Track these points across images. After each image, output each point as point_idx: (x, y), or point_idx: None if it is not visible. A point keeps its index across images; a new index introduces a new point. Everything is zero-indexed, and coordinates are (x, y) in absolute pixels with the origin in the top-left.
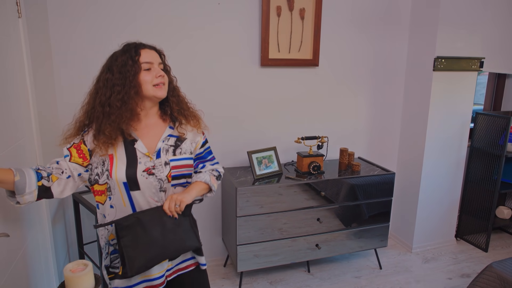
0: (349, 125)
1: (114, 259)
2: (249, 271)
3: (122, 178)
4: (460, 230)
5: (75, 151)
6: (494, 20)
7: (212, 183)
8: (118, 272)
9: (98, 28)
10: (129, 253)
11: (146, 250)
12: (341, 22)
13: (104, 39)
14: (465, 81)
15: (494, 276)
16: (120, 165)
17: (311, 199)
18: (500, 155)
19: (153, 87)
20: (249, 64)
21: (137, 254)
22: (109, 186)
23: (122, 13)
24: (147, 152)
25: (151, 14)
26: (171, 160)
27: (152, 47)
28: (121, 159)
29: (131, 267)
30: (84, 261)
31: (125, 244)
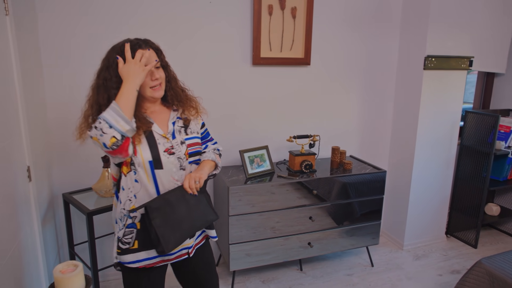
0: (341, 123)
1: (128, 233)
2: (241, 270)
3: (148, 157)
4: (450, 227)
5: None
6: (483, 20)
7: (218, 160)
8: (130, 247)
9: (88, 26)
10: (162, 232)
11: (176, 227)
12: (333, 21)
13: (94, 38)
14: (455, 79)
15: (483, 272)
16: (143, 147)
17: (303, 197)
18: (489, 153)
19: (150, 89)
20: (241, 63)
21: (169, 232)
22: (132, 162)
23: (113, 12)
24: (163, 133)
25: (143, 12)
26: (186, 139)
27: (148, 45)
28: (143, 142)
29: (166, 244)
30: (74, 262)
31: (157, 224)
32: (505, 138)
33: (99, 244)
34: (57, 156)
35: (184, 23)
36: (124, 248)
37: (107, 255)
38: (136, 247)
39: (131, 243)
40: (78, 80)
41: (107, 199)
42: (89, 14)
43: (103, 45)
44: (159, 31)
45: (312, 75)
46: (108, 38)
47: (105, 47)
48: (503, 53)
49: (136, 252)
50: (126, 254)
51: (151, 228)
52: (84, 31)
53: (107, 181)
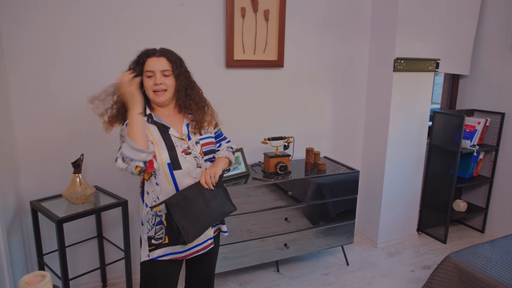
0: (314, 125)
1: (159, 230)
2: (218, 274)
3: (166, 159)
4: (421, 224)
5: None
6: (448, 24)
7: (231, 157)
8: (163, 242)
9: (48, 34)
10: (182, 225)
11: (196, 219)
12: (305, 24)
13: (53, 45)
14: (423, 81)
15: (452, 266)
16: (162, 150)
17: (279, 199)
18: (456, 152)
19: (152, 92)
20: (214, 66)
21: (189, 225)
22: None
23: (74, 15)
24: (180, 135)
25: (110, 14)
26: (200, 139)
27: (163, 54)
28: (161, 145)
29: (187, 236)
30: (41, 273)
31: (178, 218)
32: (470, 137)
33: (71, 252)
34: (24, 162)
35: (155, 25)
36: (157, 244)
37: (79, 264)
38: (167, 242)
39: (162, 238)
40: (44, 82)
41: (78, 205)
42: (48, 20)
43: (62, 52)
44: (128, 33)
45: (286, 77)
46: (68, 44)
47: (64, 54)
48: (466, 56)
49: (168, 246)
50: (158, 248)
51: (173, 222)
52: (43, 39)
53: (77, 187)
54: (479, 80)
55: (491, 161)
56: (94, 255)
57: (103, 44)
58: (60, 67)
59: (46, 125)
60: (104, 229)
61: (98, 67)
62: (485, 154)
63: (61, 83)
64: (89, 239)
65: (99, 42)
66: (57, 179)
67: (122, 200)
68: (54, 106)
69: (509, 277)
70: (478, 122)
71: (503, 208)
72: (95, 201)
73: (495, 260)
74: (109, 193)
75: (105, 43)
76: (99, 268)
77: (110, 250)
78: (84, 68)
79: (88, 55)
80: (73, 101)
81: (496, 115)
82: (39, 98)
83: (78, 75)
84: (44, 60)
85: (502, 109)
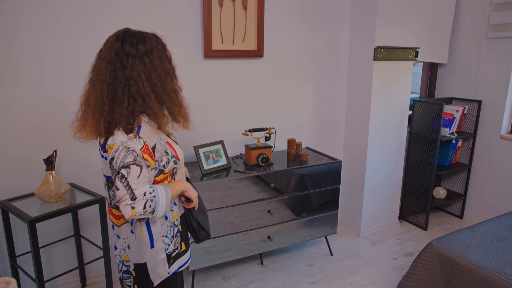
0: (296, 116)
1: (176, 241)
2: (201, 269)
3: (182, 154)
4: (403, 212)
5: (148, 156)
6: (426, 13)
7: None
8: (179, 251)
9: (11, 30)
10: (201, 220)
11: (204, 214)
12: (285, 13)
13: (21, 39)
14: (402, 70)
15: (434, 253)
16: (175, 146)
17: (261, 191)
18: (435, 139)
19: None
20: (192, 56)
21: (204, 219)
22: (176, 170)
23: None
24: (171, 133)
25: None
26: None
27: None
28: (172, 142)
29: (208, 229)
30: (6, 279)
31: (197, 214)
32: (449, 125)
33: (47, 253)
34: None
35: (130, 14)
36: (175, 255)
37: (56, 264)
38: (184, 249)
39: (179, 247)
40: (14, 75)
41: (52, 204)
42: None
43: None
44: (101, 21)
45: (266, 67)
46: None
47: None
48: (444, 44)
49: (185, 253)
50: (177, 259)
51: (193, 220)
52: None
53: (51, 185)
54: (456, 68)
55: (469, 148)
56: (72, 254)
57: (71, 35)
58: (31, 61)
59: (16, 120)
60: (81, 228)
61: (66, 58)
62: (463, 142)
63: (33, 76)
64: (65, 238)
65: (67, 33)
66: (29, 177)
67: (99, 197)
68: (24, 99)
69: (488, 261)
70: (456, 110)
71: (480, 193)
72: (71, 198)
73: (475, 246)
74: (86, 190)
75: (73, 34)
76: (78, 267)
77: (88, 249)
78: (56, 60)
79: (57, 48)
80: (45, 94)
81: (474, 103)
82: (7, 91)
83: (50, 68)
84: (13, 53)
85: (479, 97)
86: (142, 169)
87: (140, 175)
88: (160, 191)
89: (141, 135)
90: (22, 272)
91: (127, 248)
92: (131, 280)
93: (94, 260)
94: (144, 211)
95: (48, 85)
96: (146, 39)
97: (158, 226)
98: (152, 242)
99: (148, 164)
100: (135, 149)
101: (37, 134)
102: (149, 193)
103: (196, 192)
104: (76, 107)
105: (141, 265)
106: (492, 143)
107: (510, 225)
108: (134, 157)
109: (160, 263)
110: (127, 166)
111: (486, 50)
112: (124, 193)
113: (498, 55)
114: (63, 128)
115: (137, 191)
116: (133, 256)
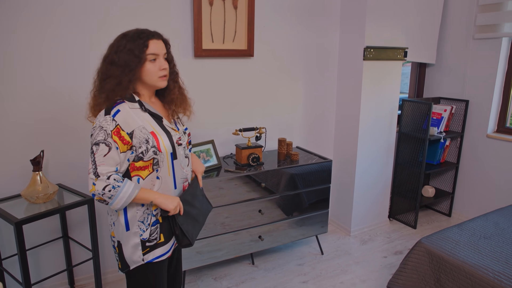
0: (286, 115)
1: (154, 230)
2: (192, 269)
3: (169, 149)
4: (392, 210)
5: (118, 139)
6: (414, 14)
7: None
8: (158, 241)
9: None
10: (186, 228)
11: (195, 221)
12: (275, 12)
13: (5, 41)
14: (392, 69)
15: (423, 251)
16: (164, 138)
17: (252, 191)
18: (424, 139)
19: (158, 78)
20: (182, 56)
21: (191, 227)
22: (156, 161)
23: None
24: (172, 126)
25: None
26: (185, 130)
27: (160, 37)
28: (161, 133)
29: (192, 238)
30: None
31: (181, 222)
32: (437, 124)
33: (34, 255)
34: None
35: (119, 12)
36: (152, 245)
37: (44, 266)
38: (163, 240)
39: (157, 238)
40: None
41: (39, 205)
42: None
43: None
44: (88, 21)
45: (256, 67)
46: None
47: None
48: (432, 45)
49: (163, 245)
50: (154, 249)
51: (176, 226)
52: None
53: (38, 186)
54: (444, 68)
55: (457, 147)
56: (60, 256)
57: (58, 34)
58: (15, 59)
59: (1, 120)
60: (70, 229)
61: (52, 57)
62: (451, 141)
63: (18, 74)
64: (53, 240)
65: (54, 33)
66: (15, 178)
67: (88, 198)
68: (9, 98)
69: (476, 258)
70: (444, 110)
71: (468, 192)
72: (59, 199)
73: (463, 243)
74: (74, 191)
75: (60, 34)
76: (66, 270)
77: (77, 251)
78: (41, 58)
79: (42, 46)
80: (32, 94)
81: (461, 103)
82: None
83: (35, 67)
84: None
85: (466, 96)
86: (110, 150)
87: (107, 155)
88: (127, 187)
89: (116, 118)
90: (8, 275)
91: (113, 224)
92: (117, 255)
93: (83, 262)
94: (103, 192)
95: (35, 83)
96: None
97: (134, 210)
98: (127, 225)
99: (117, 146)
100: (107, 129)
101: (23, 134)
102: (114, 179)
103: (173, 203)
104: (63, 105)
105: (119, 243)
106: (479, 142)
107: (497, 222)
108: (104, 137)
109: (134, 247)
110: (97, 144)
111: (473, 50)
112: (90, 167)
113: (484, 56)
114: (50, 127)
115: (100, 168)
116: (116, 233)
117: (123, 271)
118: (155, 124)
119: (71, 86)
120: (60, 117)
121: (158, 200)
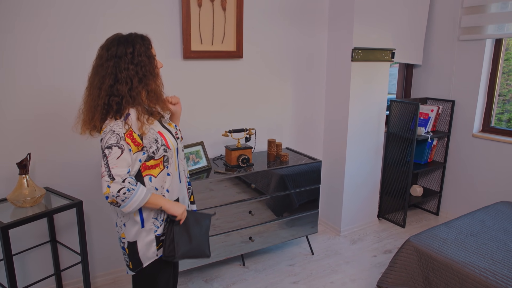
0: (275, 116)
1: (166, 225)
2: (183, 271)
3: (175, 145)
4: (382, 210)
5: (130, 141)
6: (401, 15)
7: None
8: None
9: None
10: (178, 239)
11: (189, 241)
12: (264, 14)
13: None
14: (379, 70)
15: (412, 249)
16: (169, 136)
17: (242, 192)
18: (412, 139)
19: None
20: (171, 57)
21: (183, 243)
22: (166, 158)
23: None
24: (168, 122)
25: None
26: (175, 126)
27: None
28: (166, 132)
29: (178, 251)
30: None
31: (176, 231)
32: (425, 124)
33: (21, 260)
34: None
35: (107, 13)
36: (164, 240)
37: (31, 271)
38: None
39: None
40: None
41: (26, 209)
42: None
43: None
44: (77, 23)
45: (245, 68)
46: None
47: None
48: (419, 46)
49: None
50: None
51: (170, 232)
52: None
53: (24, 189)
54: (431, 69)
55: (444, 146)
56: (48, 261)
57: (46, 35)
58: (6, 62)
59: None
60: (58, 233)
61: (40, 59)
62: (438, 140)
63: (3, 78)
64: (41, 244)
65: (42, 33)
66: (0, 182)
67: (76, 201)
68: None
69: (463, 256)
70: (431, 110)
71: (454, 190)
72: (46, 203)
73: (450, 241)
74: (62, 194)
75: (49, 35)
76: (54, 274)
77: (65, 255)
78: (30, 60)
79: (30, 48)
80: (18, 95)
81: (447, 103)
82: None
83: (22, 69)
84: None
85: (453, 97)
86: (123, 152)
87: (120, 157)
88: (141, 191)
89: (128, 122)
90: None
91: (123, 225)
92: (126, 257)
93: (72, 266)
94: (117, 194)
95: (22, 85)
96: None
97: (148, 208)
98: (142, 222)
99: (130, 148)
100: (119, 133)
101: (9, 137)
102: (129, 183)
103: (181, 209)
104: (51, 108)
105: (133, 243)
106: (465, 141)
107: (483, 220)
108: (117, 140)
109: (149, 244)
110: (109, 147)
111: (458, 51)
112: (103, 170)
113: (469, 57)
114: (37, 130)
115: (114, 170)
116: (127, 234)
117: (134, 271)
118: (158, 123)
119: (58, 89)
120: (46, 120)
121: (167, 205)
